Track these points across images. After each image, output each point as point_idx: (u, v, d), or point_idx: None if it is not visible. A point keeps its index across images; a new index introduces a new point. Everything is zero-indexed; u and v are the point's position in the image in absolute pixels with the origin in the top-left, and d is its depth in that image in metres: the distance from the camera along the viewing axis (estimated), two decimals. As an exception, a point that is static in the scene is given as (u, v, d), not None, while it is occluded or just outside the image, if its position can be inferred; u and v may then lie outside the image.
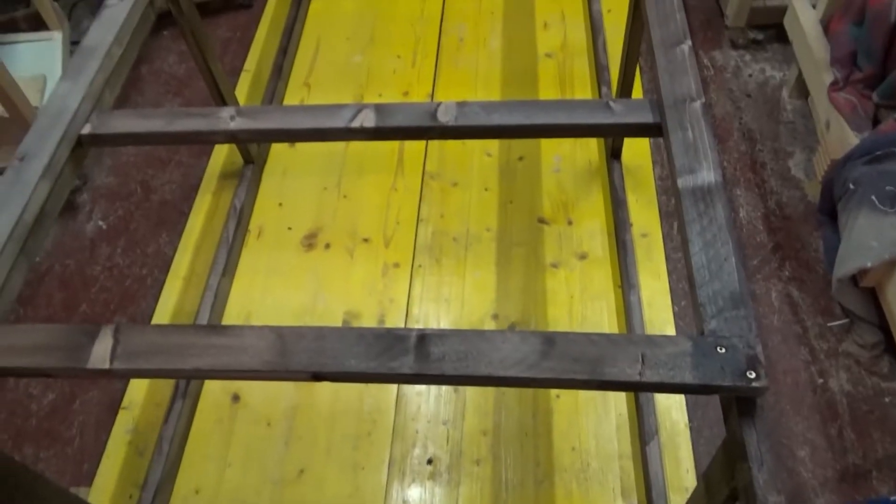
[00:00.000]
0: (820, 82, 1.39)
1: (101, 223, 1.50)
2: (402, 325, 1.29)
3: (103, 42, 0.90)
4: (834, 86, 1.33)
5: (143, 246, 1.46)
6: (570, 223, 1.42)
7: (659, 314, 1.30)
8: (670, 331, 1.28)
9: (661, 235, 1.41)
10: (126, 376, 0.84)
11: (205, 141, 1.07)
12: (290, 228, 1.44)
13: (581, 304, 1.31)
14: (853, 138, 1.27)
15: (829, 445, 1.16)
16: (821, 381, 1.24)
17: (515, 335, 0.61)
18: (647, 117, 0.81)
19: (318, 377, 0.61)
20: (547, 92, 1.66)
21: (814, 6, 1.50)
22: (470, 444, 1.15)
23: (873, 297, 1.23)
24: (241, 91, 1.68)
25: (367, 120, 0.83)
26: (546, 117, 0.81)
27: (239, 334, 0.63)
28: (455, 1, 1.86)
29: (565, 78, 1.69)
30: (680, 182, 0.72)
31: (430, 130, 0.82)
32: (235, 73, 1.72)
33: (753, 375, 0.57)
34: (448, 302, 1.33)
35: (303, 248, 1.41)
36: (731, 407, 0.60)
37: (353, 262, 1.39)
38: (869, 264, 1.12)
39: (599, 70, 1.64)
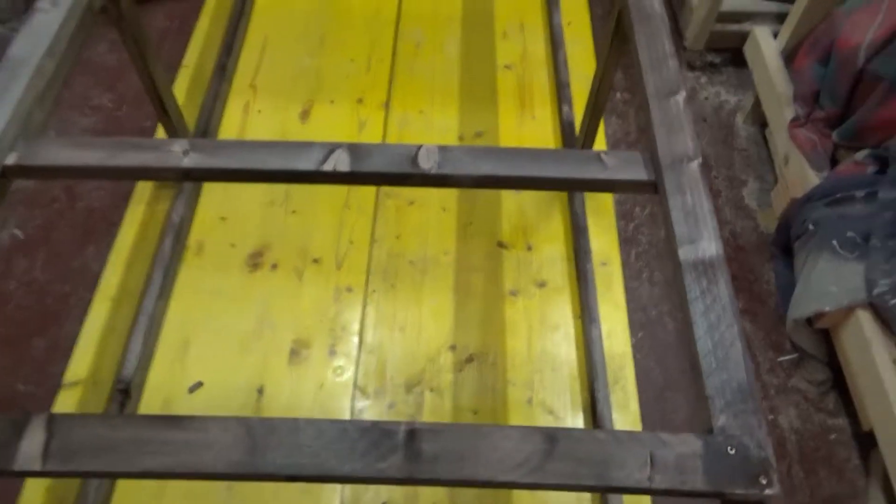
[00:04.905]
0: (780, 115, 1.40)
1: (17, 232, 1.35)
2: (355, 355, 1.22)
3: (33, 55, 0.78)
4: (795, 122, 1.34)
5: (67, 260, 1.32)
6: (529, 249, 1.38)
7: (618, 346, 1.27)
8: (629, 364, 1.26)
9: (619, 263, 1.39)
10: (64, 477, 0.74)
11: (153, 178, 0.96)
12: (233, 246, 1.34)
13: (540, 335, 1.27)
14: (813, 177, 1.28)
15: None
16: (771, 417, 1.25)
17: (515, 431, 0.56)
18: (640, 174, 0.76)
19: (294, 479, 0.54)
20: (506, 105, 1.61)
21: (775, 36, 1.50)
22: (427, 497, 1.09)
23: (825, 335, 1.25)
24: (180, 89, 1.55)
25: (341, 163, 0.75)
26: (535, 169, 0.76)
27: (201, 428, 0.55)
28: (412, 3, 1.78)
29: (525, 91, 1.64)
30: (681, 254, 0.68)
31: (409, 178, 0.75)
32: (173, 67, 1.59)
33: (765, 482, 0.55)
34: (403, 331, 1.26)
35: (248, 268, 1.31)
36: (738, 509, 0.57)
37: (303, 284, 1.30)
38: (828, 309, 1.13)
39: (560, 86, 1.60)
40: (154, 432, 0.55)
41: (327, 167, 0.75)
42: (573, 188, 0.78)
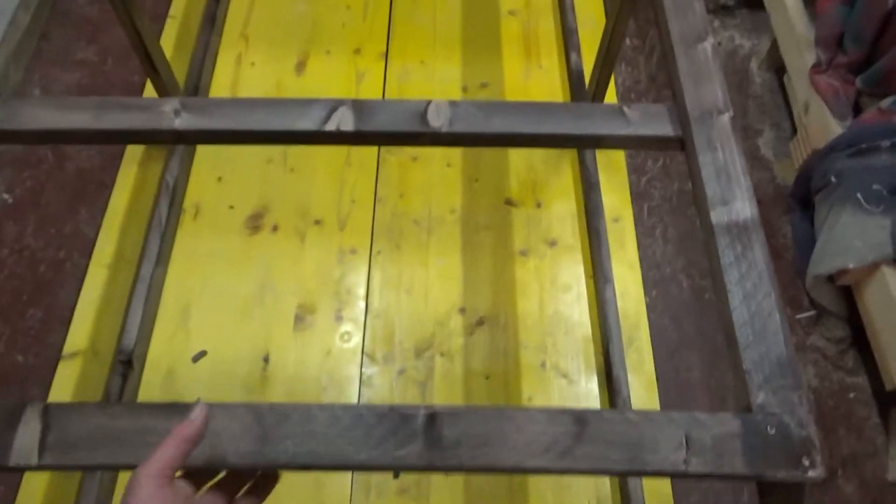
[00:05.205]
0: (799, 60, 1.33)
1: (6, 196, 1.30)
2: (362, 320, 1.19)
3: (5, 6, 0.72)
4: (816, 68, 1.27)
5: (59, 224, 1.27)
6: (538, 206, 1.33)
7: (632, 306, 1.24)
8: (643, 324, 1.22)
9: (632, 220, 1.34)
10: (63, 470, 0.71)
11: (143, 141, 0.90)
12: (231, 207, 1.29)
13: (552, 296, 1.24)
14: (835, 126, 1.22)
15: (798, 444, 1.16)
16: (788, 374, 1.23)
17: (542, 414, 0.52)
18: (666, 129, 0.71)
19: (308, 468, 0.51)
20: (511, 54, 1.53)
21: (794, -23, 1.42)
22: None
23: (845, 292, 1.21)
24: (168, 41, 1.47)
25: (345, 122, 0.70)
26: (553, 125, 0.71)
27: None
28: (410, -55, 1.68)
29: (530, 39, 1.57)
30: (713, 216, 0.63)
31: (419, 136, 0.70)
32: (159, 18, 1.51)
33: (808, 463, 0.51)
34: (411, 293, 1.22)
35: (247, 231, 1.27)
36: (774, 491, 0.54)
37: (305, 247, 1.26)
38: (851, 265, 1.08)
39: (567, 33, 1.52)
40: (157, 421, 0.51)
41: (330, 127, 0.69)
42: (595, 146, 0.73)
